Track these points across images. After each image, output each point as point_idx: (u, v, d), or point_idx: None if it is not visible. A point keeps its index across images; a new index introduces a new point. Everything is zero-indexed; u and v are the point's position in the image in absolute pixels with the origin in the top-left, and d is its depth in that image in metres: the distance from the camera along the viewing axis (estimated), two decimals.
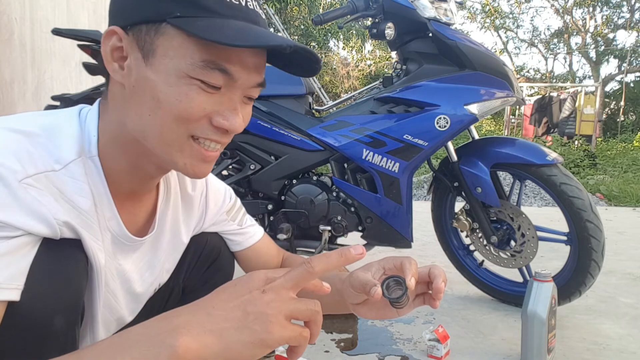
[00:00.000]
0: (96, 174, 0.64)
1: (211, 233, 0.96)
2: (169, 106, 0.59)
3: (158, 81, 0.58)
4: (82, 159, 0.62)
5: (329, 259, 0.52)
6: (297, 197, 1.79)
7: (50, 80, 2.63)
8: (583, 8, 16.95)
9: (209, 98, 0.59)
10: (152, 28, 0.58)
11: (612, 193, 6.13)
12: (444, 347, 1.43)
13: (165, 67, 0.58)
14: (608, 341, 1.59)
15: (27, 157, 0.56)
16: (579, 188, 1.67)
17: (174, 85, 0.58)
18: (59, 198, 0.59)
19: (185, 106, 0.58)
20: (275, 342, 0.48)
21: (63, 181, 0.59)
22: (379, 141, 1.70)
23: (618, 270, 2.51)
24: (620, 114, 14.37)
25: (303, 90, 1.85)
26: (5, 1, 2.05)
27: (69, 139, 0.62)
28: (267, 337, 0.47)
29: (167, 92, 0.58)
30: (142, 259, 0.76)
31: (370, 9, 1.78)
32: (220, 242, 0.98)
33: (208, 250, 0.96)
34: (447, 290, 2.12)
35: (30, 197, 0.55)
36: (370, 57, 14.97)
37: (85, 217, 0.63)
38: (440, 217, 2.01)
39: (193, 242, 0.93)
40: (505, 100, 1.74)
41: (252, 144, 1.79)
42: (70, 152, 0.61)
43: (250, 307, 0.48)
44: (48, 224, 0.57)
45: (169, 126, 0.60)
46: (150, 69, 0.58)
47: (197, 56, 0.57)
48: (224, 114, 0.61)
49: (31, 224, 0.55)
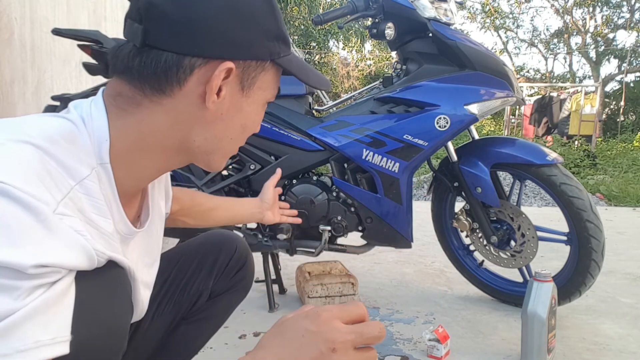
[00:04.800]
0: (107, 183, 0.59)
1: (239, 239, 1.02)
2: (250, 131, 0.67)
3: (250, 112, 0.65)
4: (95, 170, 0.57)
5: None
6: (297, 197, 1.79)
7: (50, 80, 2.63)
8: (583, 8, 16.93)
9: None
10: (260, 65, 0.63)
11: (612, 193, 6.12)
12: (444, 347, 1.43)
13: (258, 98, 0.65)
14: (608, 341, 1.59)
15: (49, 178, 0.50)
16: (579, 188, 1.67)
17: (260, 114, 0.68)
18: (83, 221, 0.54)
19: (257, 127, 0.69)
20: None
21: (80, 199, 0.54)
22: (379, 141, 1.70)
23: (618, 270, 2.51)
24: (620, 114, 14.36)
25: (303, 90, 1.85)
26: (5, 1, 2.05)
27: (78, 147, 0.56)
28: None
29: (255, 121, 0.67)
30: (141, 245, 0.74)
31: (370, 9, 1.78)
32: (247, 249, 1.03)
33: (237, 256, 1.00)
34: (447, 290, 2.12)
35: (68, 228, 0.50)
36: (370, 57, 14.96)
37: (109, 239, 0.59)
38: (440, 217, 2.01)
39: (225, 248, 0.99)
40: (505, 100, 1.74)
41: (252, 144, 1.79)
42: (82, 164, 0.56)
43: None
44: (89, 255, 0.53)
45: (237, 144, 0.68)
46: (246, 100, 0.64)
47: (276, 85, 0.67)
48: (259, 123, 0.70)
49: (76, 259, 0.51)
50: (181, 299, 0.94)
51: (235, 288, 1.02)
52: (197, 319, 0.98)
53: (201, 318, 0.99)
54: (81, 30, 1.67)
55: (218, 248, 0.99)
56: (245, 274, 1.02)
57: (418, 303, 1.95)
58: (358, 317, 0.51)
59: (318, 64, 14.07)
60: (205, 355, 1.44)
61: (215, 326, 1.04)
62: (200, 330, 1.02)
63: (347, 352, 0.48)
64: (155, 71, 0.58)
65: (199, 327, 0.99)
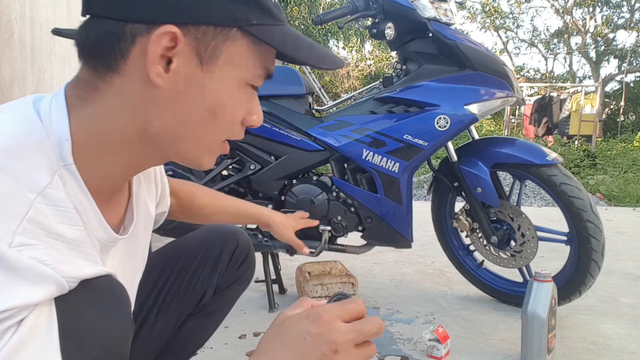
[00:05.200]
0: (76, 186, 0.52)
1: (240, 232, 1.01)
2: (224, 118, 0.56)
3: (216, 92, 0.54)
4: (58, 174, 0.50)
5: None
6: (297, 197, 1.79)
7: (50, 80, 2.63)
8: (583, 8, 16.93)
9: (249, 100, 0.59)
10: (221, 33, 0.52)
11: (612, 193, 6.13)
12: (444, 347, 1.43)
13: (227, 76, 0.54)
14: (608, 341, 1.59)
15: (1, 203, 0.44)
16: (579, 188, 1.67)
17: (234, 96, 0.55)
18: (48, 243, 0.47)
19: (239, 115, 0.57)
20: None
21: (43, 213, 0.47)
22: (379, 141, 1.70)
23: (618, 270, 2.51)
24: (620, 114, 14.35)
25: (303, 90, 1.85)
26: (5, 1, 2.05)
27: (35, 152, 0.48)
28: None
29: (226, 104, 0.55)
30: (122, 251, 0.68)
31: (370, 9, 1.78)
32: (248, 241, 1.02)
33: (239, 250, 0.99)
34: (447, 290, 2.12)
35: (29, 260, 0.44)
36: (370, 57, 14.96)
37: (80, 247, 0.52)
38: (440, 217, 2.01)
39: (227, 244, 0.97)
40: (505, 100, 1.74)
41: (252, 144, 1.79)
42: (41, 171, 0.48)
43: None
44: (57, 283, 0.47)
45: (214, 135, 0.57)
46: (210, 77, 0.53)
47: (260, 65, 0.55)
48: (257, 112, 0.60)
49: (43, 293, 0.45)
50: (185, 297, 0.94)
51: (239, 280, 1.02)
52: (203, 314, 0.98)
53: (207, 313, 0.99)
54: None
55: (220, 245, 0.98)
56: (248, 265, 1.02)
57: (418, 303, 1.95)
58: (357, 315, 0.51)
59: None
60: (206, 355, 1.44)
61: (221, 318, 1.05)
62: (207, 324, 1.02)
63: (348, 351, 0.48)
64: (97, 43, 0.51)
65: (205, 321, 1.00)
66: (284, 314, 0.54)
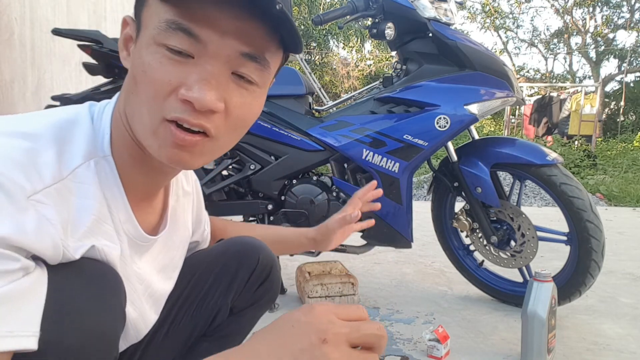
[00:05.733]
0: (110, 176, 0.58)
1: (263, 248, 0.92)
2: (139, 81, 0.53)
3: (135, 57, 0.54)
4: (94, 161, 0.56)
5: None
6: (297, 197, 1.79)
7: (50, 80, 2.63)
8: (583, 8, 16.93)
9: (176, 67, 0.52)
10: (142, 3, 0.55)
11: (612, 193, 6.13)
12: (444, 347, 1.43)
13: (143, 39, 0.54)
14: (608, 341, 1.59)
15: (34, 169, 0.50)
16: (579, 188, 1.67)
17: (144, 56, 0.53)
18: (71, 210, 0.53)
19: (150, 78, 0.52)
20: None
21: (70, 189, 0.53)
22: (379, 141, 1.70)
23: (618, 270, 2.51)
24: (620, 114, 14.35)
25: (303, 90, 1.85)
26: (5, 1, 2.05)
27: (78, 141, 0.56)
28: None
29: (137, 65, 0.53)
30: (156, 258, 0.72)
31: (370, 9, 1.78)
32: (271, 260, 0.93)
33: (260, 269, 0.91)
34: (447, 290, 2.12)
35: (38, 213, 0.49)
36: (370, 57, 14.96)
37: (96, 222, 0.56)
38: (440, 217, 2.01)
39: (245, 261, 0.90)
40: (505, 100, 1.74)
41: (252, 144, 1.79)
42: (78, 155, 0.55)
43: (307, 358, 0.43)
44: (54, 244, 0.51)
45: (144, 106, 0.53)
46: (137, 45, 0.55)
47: (162, 17, 0.51)
48: (189, 83, 0.52)
49: (38, 243, 0.49)
50: (198, 314, 0.89)
51: (258, 303, 0.94)
52: (219, 336, 0.93)
53: (223, 335, 0.93)
54: (81, 30, 1.67)
55: (238, 260, 0.91)
56: (269, 287, 0.94)
57: (418, 303, 1.95)
58: (356, 317, 0.48)
59: (318, 64, 14.07)
60: None
61: (238, 342, 0.96)
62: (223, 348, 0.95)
63: (339, 345, 0.44)
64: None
65: (221, 344, 0.92)
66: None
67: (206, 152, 0.57)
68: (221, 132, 0.56)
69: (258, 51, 0.54)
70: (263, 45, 0.54)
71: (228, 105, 0.55)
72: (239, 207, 1.86)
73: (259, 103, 0.60)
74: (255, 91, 0.57)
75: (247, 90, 0.56)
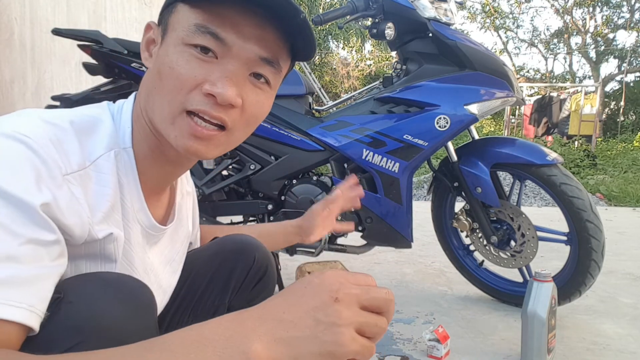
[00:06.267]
0: (129, 166, 0.63)
1: (258, 246, 0.94)
2: (170, 78, 0.59)
3: (162, 55, 0.61)
4: (114, 152, 0.61)
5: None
6: (297, 197, 1.79)
7: (50, 80, 2.63)
8: (583, 8, 16.93)
9: (201, 65, 0.58)
10: (170, 10, 0.62)
11: (612, 193, 6.13)
12: (444, 347, 1.43)
13: (170, 40, 0.61)
14: (608, 341, 1.59)
15: (64, 154, 0.55)
16: (579, 188, 1.67)
17: (171, 54, 0.59)
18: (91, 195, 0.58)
19: (176, 73, 0.58)
20: (344, 356, 0.45)
21: (90, 177, 0.58)
22: (379, 141, 1.70)
23: (618, 270, 2.51)
24: (620, 114, 14.35)
25: (303, 90, 1.85)
26: (5, 1, 2.05)
27: (100, 134, 0.61)
28: (336, 349, 0.45)
29: (164, 62, 0.60)
30: (163, 251, 0.75)
31: (370, 9, 1.78)
32: (267, 258, 0.94)
33: (256, 268, 0.92)
34: (447, 290, 2.12)
35: (70, 191, 0.54)
36: (370, 57, 14.96)
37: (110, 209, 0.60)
38: (440, 217, 2.01)
39: (242, 259, 0.91)
40: (505, 100, 1.74)
41: (252, 144, 1.79)
42: (99, 146, 0.60)
43: (321, 315, 0.45)
44: (82, 221, 0.55)
45: (166, 98, 0.59)
46: (163, 46, 0.61)
47: (192, 21, 0.59)
48: (213, 80, 0.58)
49: (70, 218, 0.53)
50: (195, 314, 0.89)
51: (254, 301, 0.93)
52: None
53: None
54: (81, 30, 1.67)
55: (234, 259, 0.91)
56: (265, 285, 0.95)
57: (418, 303, 1.95)
58: (365, 284, 0.50)
59: (318, 64, 14.07)
60: None
61: None
62: None
63: (350, 305, 0.46)
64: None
65: None
66: None
67: (221, 144, 0.63)
68: (236, 126, 0.62)
69: (274, 57, 0.62)
70: (278, 51, 0.62)
71: (244, 101, 0.61)
72: (239, 207, 1.86)
73: (270, 103, 0.67)
74: (267, 91, 0.64)
75: (261, 90, 0.63)
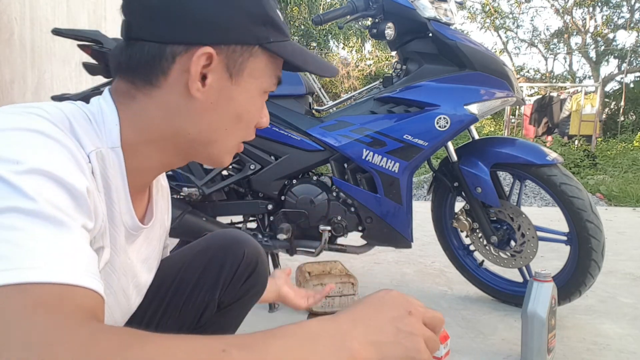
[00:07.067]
0: (117, 167, 0.60)
1: (248, 241, 0.94)
2: (248, 121, 0.65)
3: (242, 100, 0.63)
4: (103, 150, 0.58)
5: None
6: (297, 197, 1.79)
7: (50, 80, 2.63)
8: (583, 8, 16.92)
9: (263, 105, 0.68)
10: (247, 50, 0.61)
11: (612, 193, 6.13)
12: (444, 347, 1.43)
13: (250, 87, 0.63)
14: (608, 341, 1.59)
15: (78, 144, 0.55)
16: (579, 188, 1.67)
17: (257, 104, 0.65)
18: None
19: (252, 117, 0.66)
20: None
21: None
22: (379, 141, 1.70)
23: (618, 270, 2.51)
24: (620, 114, 14.34)
25: (303, 90, 1.85)
26: (5, 1, 2.05)
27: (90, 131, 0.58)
28: (416, 355, 0.51)
29: (250, 110, 0.65)
30: (140, 249, 0.73)
31: (370, 9, 1.78)
32: (257, 254, 0.94)
33: (245, 263, 0.92)
34: (447, 290, 2.12)
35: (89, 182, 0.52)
36: (370, 57, 14.96)
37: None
38: (440, 217, 2.01)
39: (231, 254, 0.91)
40: (505, 100, 1.74)
41: (252, 144, 1.79)
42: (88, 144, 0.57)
43: (401, 325, 0.51)
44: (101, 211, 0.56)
45: (237, 137, 0.66)
46: (237, 89, 0.62)
47: (274, 74, 0.65)
48: (266, 114, 0.69)
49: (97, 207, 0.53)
50: (186, 310, 0.89)
51: (245, 296, 0.94)
52: (208, 332, 0.92)
53: (212, 331, 0.92)
54: (81, 30, 1.67)
55: (223, 254, 0.91)
56: (256, 280, 0.94)
57: None
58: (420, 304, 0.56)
59: None
60: None
61: None
62: None
63: (419, 319, 0.53)
64: (140, 63, 0.59)
65: None
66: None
67: None
68: None
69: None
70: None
71: None
72: (239, 207, 1.86)
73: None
74: None
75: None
